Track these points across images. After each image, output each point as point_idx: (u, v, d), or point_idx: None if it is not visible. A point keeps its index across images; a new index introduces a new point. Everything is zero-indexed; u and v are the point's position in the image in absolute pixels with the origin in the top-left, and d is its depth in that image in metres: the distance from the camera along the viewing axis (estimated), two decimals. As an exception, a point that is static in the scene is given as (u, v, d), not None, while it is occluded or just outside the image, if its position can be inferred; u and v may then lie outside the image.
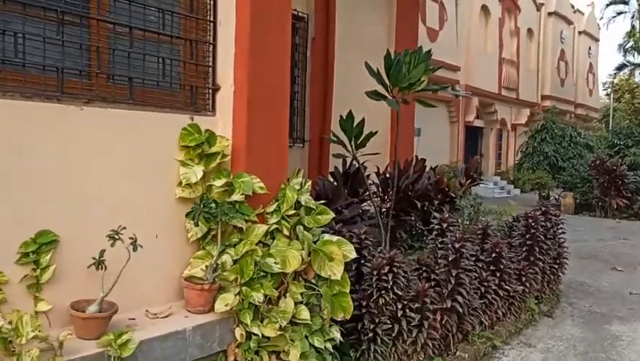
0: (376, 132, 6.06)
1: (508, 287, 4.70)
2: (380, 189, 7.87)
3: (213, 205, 3.39)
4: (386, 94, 6.00)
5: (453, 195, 8.13)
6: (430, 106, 6.29)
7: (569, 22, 33.07)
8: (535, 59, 30.64)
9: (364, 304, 3.97)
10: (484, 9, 25.35)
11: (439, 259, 4.38)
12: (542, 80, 31.01)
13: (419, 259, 4.43)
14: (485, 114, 26.71)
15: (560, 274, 6.16)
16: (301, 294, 3.59)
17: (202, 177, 3.49)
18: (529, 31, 29.79)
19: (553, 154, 18.15)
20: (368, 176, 7.15)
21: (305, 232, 3.73)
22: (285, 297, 3.51)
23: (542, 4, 30.52)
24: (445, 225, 4.75)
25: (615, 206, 16.08)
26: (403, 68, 6.01)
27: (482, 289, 4.58)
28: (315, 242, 3.73)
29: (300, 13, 8.00)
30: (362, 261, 4.25)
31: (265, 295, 3.37)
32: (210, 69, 3.84)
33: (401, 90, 5.88)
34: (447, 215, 4.90)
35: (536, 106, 29.14)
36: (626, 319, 5.97)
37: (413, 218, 8.06)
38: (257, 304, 3.33)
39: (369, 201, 7.36)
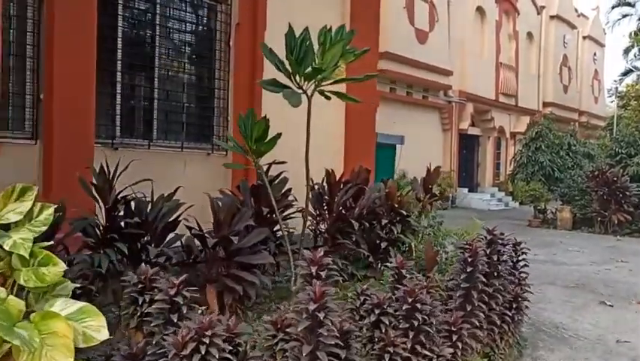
0: (280, 135, 4.68)
1: (428, 352, 3.30)
2: (315, 208, 6.49)
3: None
4: (291, 85, 4.62)
5: (404, 212, 6.72)
6: (352, 100, 4.88)
7: (573, 27, 31.59)
8: (535, 64, 29.18)
9: None
10: (480, 10, 23.99)
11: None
12: (544, 86, 29.52)
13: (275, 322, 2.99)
14: (481, 122, 25.26)
15: (519, 319, 4.72)
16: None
17: None
18: (529, 35, 28.35)
19: (549, 164, 16.64)
20: (289, 190, 5.78)
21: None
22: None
23: (544, 7, 29.10)
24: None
25: (616, 221, 14.56)
26: (313, 51, 4.63)
27: (386, 358, 3.17)
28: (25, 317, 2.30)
29: (220, -6, 6.69)
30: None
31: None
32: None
33: (308, 79, 4.50)
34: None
35: (537, 113, 27.59)
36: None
37: (355, 240, 6.68)
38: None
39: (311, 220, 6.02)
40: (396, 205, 6.77)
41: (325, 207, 6.43)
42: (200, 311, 2.90)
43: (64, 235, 4.01)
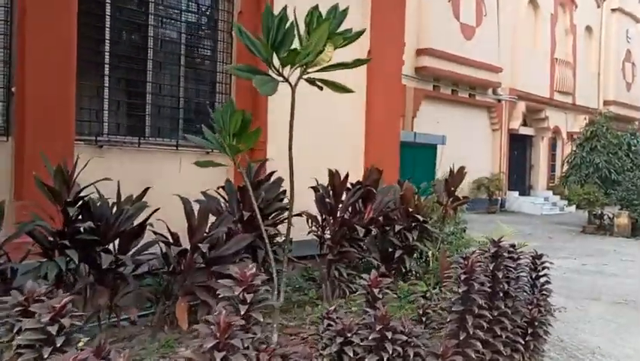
0: (260, 130, 4.13)
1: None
2: (320, 212, 5.89)
3: None
4: (272, 73, 4.04)
5: (421, 218, 6.04)
6: (343, 90, 4.26)
7: (637, 20, 29.61)
8: (595, 60, 27.48)
9: None
10: (533, 3, 22.73)
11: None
12: (604, 83, 27.77)
13: None
14: (534, 121, 23.92)
15: (536, 347, 3.94)
16: None
17: None
18: (588, 28, 26.71)
19: (606, 165, 15.35)
20: (283, 192, 5.22)
21: None
22: None
23: (604, -1, 27.40)
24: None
25: (680, 228, 13.24)
26: (295, 33, 4.06)
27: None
28: None
29: (220, -20, 6.22)
30: None
31: None
32: None
33: (286, 64, 3.92)
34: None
35: (597, 112, 25.93)
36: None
37: (366, 247, 6.05)
38: None
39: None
40: (412, 210, 6.10)
41: (330, 213, 5.81)
42: (80, 343, 2.36)
43: (4, 240, 3.59)
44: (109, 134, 5.66)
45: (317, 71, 4.18)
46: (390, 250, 6.05)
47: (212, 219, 4.53)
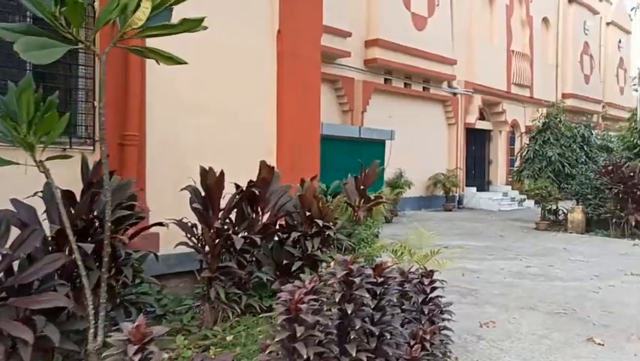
0: (65, 116, 3.17)
1: None
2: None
3: None
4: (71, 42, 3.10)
5: (321, 222, 5.14)
6: (173, 62, 3.32)
7: (594, 12, 29.39)
8: (553, 52, 27.11)
9: None
10: (487, -7, 22.14)
11: None
12: (562, 76, 27.43)
13: None
14: (492, 115, 23.40)
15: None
16: None
17: None
18: (545, 20, 26.33)
19: (559, 159, 14.72)
20: (133, 196, 4.26)
21: None
22: None
23: (561, -10, 27.03)
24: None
25: (634, 223, 12.66)
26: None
27: None
28: None
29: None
30: None
31: None
32: None
33: (77, 22, 2.98)
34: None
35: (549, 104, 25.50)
36: None
37: (256, 260, 5.14)
38: None
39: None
40: (312, 213, 5.20)
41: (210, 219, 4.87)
42: None
43: None
44: None
45: (144, 35, 3.26)
46: (284, 262, 5.15)
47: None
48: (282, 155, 7.20)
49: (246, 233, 5.12)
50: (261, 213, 5.13)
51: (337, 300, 2.53)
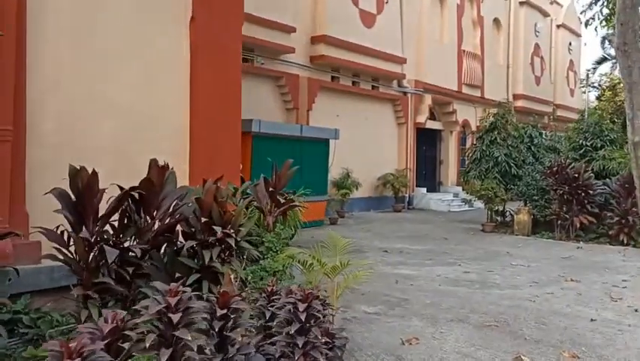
0: None
1: None
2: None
3: None
4: None
5: (219, 230, 4.53)
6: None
7: (545, 14, 29.62)
8: (504, 53, 27.14)
9: None
10: (437, -8, 21.90)
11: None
12: (513, 77, 27.50)
13: None
14: (442, 115, 23.21)
15: None
16: None
17: None
18: (497, 21, 26.34)
19: (505, 159, 14.48)
20: None
21: None
22: None
23: (512, -8, 27.08)
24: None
25: (579, 225, 12.46)
26: None
27: None
28: None
29: None
30: None
31: None
32: None
33: None
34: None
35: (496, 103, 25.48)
36: None
37: (139, 272, 4.49)
38: None
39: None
40: (210, 219, 4.58)
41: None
42: None
43: None
44: None
45: None
46: (177, 274, 4.51)
47: None
48: (197, 155, 6.55)
49: (136, 242, 4.50)
50: (150, 219, 4.49)
51: (147, 346, 1.92)
